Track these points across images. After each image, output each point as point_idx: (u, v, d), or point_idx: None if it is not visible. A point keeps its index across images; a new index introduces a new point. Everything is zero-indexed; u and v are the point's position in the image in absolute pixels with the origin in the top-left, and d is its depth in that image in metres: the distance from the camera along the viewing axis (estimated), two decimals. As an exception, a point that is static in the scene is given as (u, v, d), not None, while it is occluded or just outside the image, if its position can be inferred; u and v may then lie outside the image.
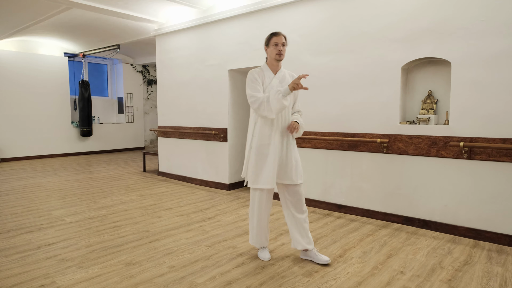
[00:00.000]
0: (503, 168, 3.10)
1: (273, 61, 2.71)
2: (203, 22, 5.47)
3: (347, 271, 2.62)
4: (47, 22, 6.64)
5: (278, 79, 2.72)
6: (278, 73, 2.74)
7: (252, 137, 2.72)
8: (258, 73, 2.70)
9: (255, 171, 2.68)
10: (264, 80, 2.69)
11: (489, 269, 2.65)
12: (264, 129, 2.67)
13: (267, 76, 2.71)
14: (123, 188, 5.48)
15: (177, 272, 2.61)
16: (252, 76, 2.69)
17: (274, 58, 2.67)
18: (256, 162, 2.67)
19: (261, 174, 2.67)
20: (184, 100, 6.03)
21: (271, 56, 2.70)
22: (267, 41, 2.70)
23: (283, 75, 2.76)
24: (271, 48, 2.67)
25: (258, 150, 2.67)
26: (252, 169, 2.69)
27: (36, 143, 8.73)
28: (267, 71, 2.73)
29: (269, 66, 2.75)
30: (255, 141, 2.70)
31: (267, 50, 2.73)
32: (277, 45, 2.64)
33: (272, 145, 2.65)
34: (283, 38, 2.66)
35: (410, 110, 3.83)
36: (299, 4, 4.35)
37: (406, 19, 3.56)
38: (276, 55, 2.65)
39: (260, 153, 2.67)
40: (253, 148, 2.70)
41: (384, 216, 3.82)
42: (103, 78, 10.60)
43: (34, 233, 3.46)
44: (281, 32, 2.69)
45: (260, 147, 2.67)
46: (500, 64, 3.07)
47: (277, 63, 2.73)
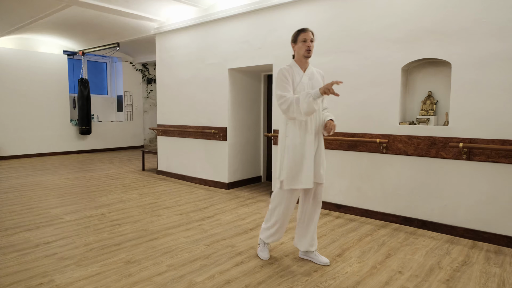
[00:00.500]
0: (502, 170, 3.11)
1: (301, 58, 2.63)
2: (203, 20, 5.46)
3: (346, 271, 2.62)
4: (46, 19, 6.63)
5: (307, 76, 2.65)
6: (307, 70, 2.67)
7: (285, 136, 2.64)
8: (288, 71, 2.61)
9: (291, 171, 2.58)
10: (295, 78, 2.61)
11: (487, 270, 2.65)
12: (297, 128, 2.59)
13: (297, 73, 2.63)
14: (122, 187, 5.48)
15: (176, 271, 2.61)
16: (282, 75, 2.60)
17: (303, 55, 2.59)
18: (293, 162, 2.58)
19: (300, 174, 2.57)
20: (183, 99, 6.02)
21: (299, 53, 2.61)
22: (294, 38, 2.63)
23: (312, 72, 2.69)
24: (300, 45, 2.59)
25: (293, 150, 2.58)
26: (289, 169, 2.58)
27: (35, 141, 8.71)
28: (296, 68, 2.64)
29: (298, 63, 2.66)
30: (289, 141, 2.61)
31: (294, 47, 2.65)
32: (306, 42, 2.56)
33: (308, 144, 2.58)
34: (311, 34, 2.58)
35: (409, 110, 3.84)
36: (299, 3, 4.35)
37: (406, 20, 3.56)
38: (305, 51, 2.57)
39: (296, 153, 2.58)
40: (288, 148, 2.61)
41: (383, 216, 3.83)
42: (102, 76, 10.59)
43: (33, 231, 3.45)
44: (309, 28, 2.62)
45: (295, 146, 2.58)
46: (500, 66, 3.08)
47: (306, 60, 2.65)
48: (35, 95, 8.65)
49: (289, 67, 2.64)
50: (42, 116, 8.80)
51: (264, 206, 4.43)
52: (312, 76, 2.68)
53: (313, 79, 2.67)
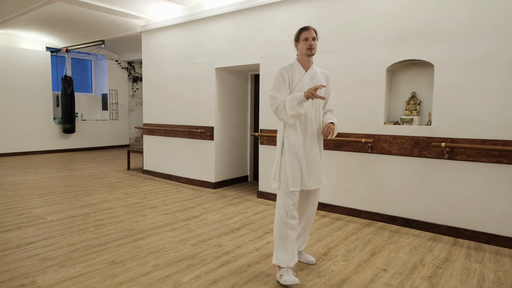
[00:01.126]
0: (482, 169, 3.19)
1: (304, 56, 2.55)
2: (191, 19, 5.43)
3: (332, 269, 2.65)
4: (29, 15, 6.47)
5: (309, 76, 2.56)
6: (309, 69, 2.57)
7: (283, 138, 2.54)
8: (287, 70, 2.53)
9: (292, 173, 2.47)
10: (294, 78, 2.53)
11: (468, 266, 2.72)
12: (296, 130, 2.51)
13: (298, 73, 2.55)
14: (107, 186, 5.40)
15: (162, 271, 2.59)
16: (279, 74, 2.52)
17: (305, 53, 2.52)
18: (293, 163, 2.47)
19: (300, 176, 2.49)
20: (170, 97, 5.97)
21: (301, 51, 2.54)
22: (296, 37, 2.56)
23: (315, 72, 2.60)
24: (301, 43, 2.52)
25: (294, 151, 2.49)
26: (289, 171, 2.47)
27: (16, 140, 8.49)
28: (297, 68, 2.56)
29: (300, 62, 2.58)
30: (287, 142, 2.52)
31: (297, 46, 2.57)
32: (307, 40, 2.49)
33: (308, 146, 2.52)
34: (313, 32, 2.51)
35: (394, 110, 3.90)
36: (287, 3, 4.37)
37: (392, 22, 3.62)
38: (307, 50, 2.50)
39: (296, 154, 2.49)
40: (288, 149, 2.50)
41: (368, 215, 3.88)
42: (87, 74, 10.40)
43: (14, 231, 3.37)
44: (312, 26, 2.55)
45: (295, 147, 2.49)
46: (481, 68, 3.16)
47: (309, 59, 2.56)
48: (16, 92, 8.43)
49: (290, 66, 2.57)
50: (24, 114, 8.59)
51: (251, 205, 4.43)
52: (315, 76, 2.58)
53: (315, 79, 2.57)
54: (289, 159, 2.49)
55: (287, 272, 2.41)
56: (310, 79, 2.56)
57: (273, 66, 4.55)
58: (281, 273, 2.42)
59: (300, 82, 2.53)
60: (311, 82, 2.55)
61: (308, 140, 2.54)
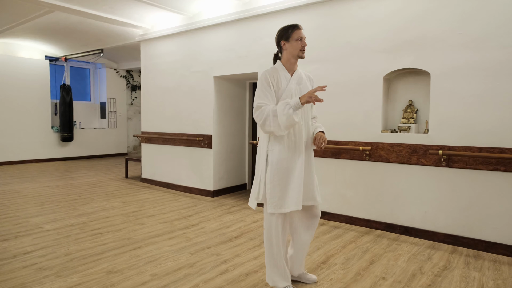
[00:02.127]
0: (479, 176, 3.21)
1: (292, 58, 2.31)
2: (189, 28, 5.47)
3: (330, 278, 2.64)
4: (28, 24, 6.51)
5: (295, 80, 2.33)
6: (295, 73, 2.35)
7: (268, 151, 2.28)
8: (272, 75, 2.26)
9: (278, 192, 2.23)
10: (280, 83, 2.28)
11: (467, 274, 2.72)
12: (283, 142, 2.26)
13: (283, 77, 2.30)
14: (104, 195, 5.37)
15: (160, 280, 2.57)
16: (264, 80, 2.25)
17: (297, 54, 2.29)
18: (280, 181, 2.23)
19: (287, 195, 2.23)
20: (168, 106, 5.99)
21: (292, 52, 2.28)
22: (286, 36, 2.28)
23: (300, 75, 2.37)
24: (294, 43, 2.26)
25: (280, 166, 2.23)
26: (274, 190, 2.23)
27: (14, 148, 8.47)
28: (282, 71, 2.31)
29: (285, 65, 2.33)
30: (274, 156, 2.25)
31: (285, 45, 2.30)
32: (301, 40, 2.27)
33: (296, 160, 2.26)
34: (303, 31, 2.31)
35: (391, 118, 3.93)
36: (284, 13, 4.42)
37: (388, 31, 3.67)
38: (300, 51, 2.28)
39: (283, 170, 2.23)
40: (273, 165, 2.25)
41: (366, 223, 3.88)
42: (85, 83, 10.43)
43: (10, 241, 3.35)
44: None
45: (282, 162, 2.24)
46: (476, 76, 3.19)
47: (296, 61, 2.33)
48: (15, 101, 8.44)
49: (274, 70, 2.31)
50: (22, 123, 8.58)
51: (249, 213, 4.42)
52: (300, 80, 2.36)
53: (301, 83, 2.35)
54: (274, 177, 2.24)
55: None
56: (297, 83, 2.34)
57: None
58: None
59: (287, 88, 2.27)
60: (297, 87, 2.33)
61: (297, 154, 2.28)
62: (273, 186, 2.24)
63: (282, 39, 2.31)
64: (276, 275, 2.34)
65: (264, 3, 4.54)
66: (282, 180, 2.25)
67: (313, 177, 2.38)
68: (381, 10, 3.70)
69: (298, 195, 2.24)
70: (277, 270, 2.33)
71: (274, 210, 2.24)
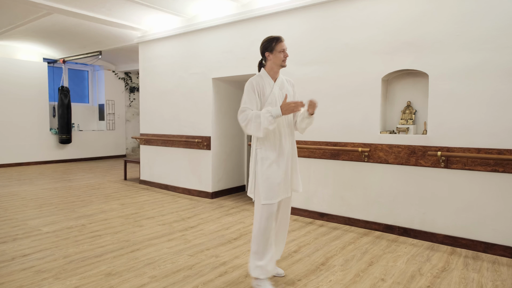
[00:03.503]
0: (478, 177, 3.22)
1: (276, 67, 2.56)
2: (187, 30, 5.48)
3: (330, 279, 2.64)
4: (26, 26, 6.50)
5: (278, 86, 2.58)
6: (277, 80, 2.59)
7: (257, 149, 2.51)
8: (257, 82, 2.51)
9: (268, 186, 2.44)
10: (265, 90, 2.52)
11: (466, 275, 2.72)
12: (270, 141, 2.49)
13: (267, 83, 2.54)
14: (103, 197, 5.36)
15: (159, 282, 2.56)
16: (250, 87, 2.50)
17: (280, 64, 2.55)
18: (268, 174, 2.45)
19: (277, 187, 2.45)
20: (167, 108, 5.99)
21: (276, 62, 2.54)
22: (270, 48, 2.53)
23: (282, 81, 2.63)
24: (278, 55, 2.52)
25: (268, 162, 2.46)
26: (265, 183, 2.44)
27: (12, 150, 8.44)
28: (266, 79, 2.56)
29: (269, 72, 2.58)
30: (261, 152, 2.49)
31: (269, 56, 2.55)
32: (284, 51, 2.54)
33: (283, 155, 2.49)
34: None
35: (390, 120, 3.93)
36: (283, 15, 4.43)
37: (385, 33, 3.68)
38: (282, 61, 2.54)
39: (271, 165, 2.46)
40: (262, 161, 2.47)
41: (365, 224, 3.88)
42: (83, 85, 10.41)
43: (8, 243, 3.33)
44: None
45: (269, 158, 2.47)
46: (474, 77, 3.20)
47: (279, 70, 2.59)
48: (13, 103, 8.42)
49: (259, 77, 2.55)
50: (20, 125, 8.56)
51: (248, 215, 4.42)
52: (282, 85, 2.61)
53: (283, 88, 2.60)
54: (265, 172, 2.45)
55: (265, 283, 2.43)
56: (279, 89, 2.59)
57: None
58: (258, 283, 2.45)
59: (271, 94, 2.53)
60: (280, 92, 2.58)
61: (282, 153, 2.50)
62: (263, 179, 2.46)
63: (267, 51, 2.56)
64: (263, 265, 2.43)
65: (262, 5, 4.55)
66: (271, 173, 2.46)
67: (296, 167, 2.64)
68: (379, 12, 3.71)
69: (286, 186, 2.53)
70: (266, 261, 2.43)
71: (266, 201, 2.44)
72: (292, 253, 3.15)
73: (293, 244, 3.37)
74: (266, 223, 2.44)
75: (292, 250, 3.22)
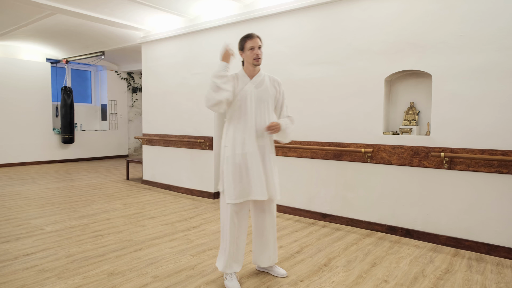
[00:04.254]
0: (482, 178, 3.20)
1: (250, 66, 2.51)
2: (189, 30, 5.48)
3: (332, 280, 2.63)
4: (30, 27, 6.53)
5: (254, 84, 2.49)
6: (254, 77, 2.51)
7: (225, 147, 2.48)
8: (233, 77, 2.52)
9: (232, 185, 2.40)
10: (238, 85, 2.48)
11: (469, 277, 2.71)
12: (237, 137, 2.45)
13: (242, 81, 2.50)
14: (105, 197, 5.37)
15: (161, 282, 2.56)
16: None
17: (252, 63, 2.47)
18: (233, 175, 2.41)
19: (241, 188, 2.41)
20: (169, 108, 5.99)
21: (247, 61, 2.49)
22: (241, 45, 2.50)
23: (262, 79, 2.52)
24: (247, 53, 2.47)
25: (233, 161, 2.42)
26: (229, 182, 2.42)
27: (15, 150, 8.48)
28: (242, 77, 2.52)
29: (246, 71, 2.53)
30: (228, 151, 2.45)
31: (242, 55, 2.52)
32: (253, 49, 2.44)
33: (249, 155, 2.42)
34: (258, 40, 2.46)
35: (393, 120, 3.92)
36: (286, 15, 4.43)
37: (389, 33, 3.67)
38: (253, 60, 2.46)
39: (236, 165, 2.42)
40: (227, 160, 2.44)
41: (368, 225, 3.87)
42: (86, 85, 10.44)
43: (12, 243, 3.34)
44: (255, 34, 2.50)
45: (234, 157, 2.42)
46: (478, 78, 3.19)
47: (254, 68, 2.51)
48: (16, 103, 8.45)
49: (235, 75, 2.52)
50: (23, 124, 8.59)
51: (250, 215, 4.41)
52: (261, 84, 2.51)
53: (260, 87, 2.50)
54: (227, 170, 2.44)
55: (230, 277, 2.50)
56: (255, 87, 2.49)
57: (272, 76, 4.58)
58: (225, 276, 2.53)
59: (243, 90, 2.47)
60: (255, 90, 2.49)
61: (251, 148, 2.43)
62: (228, 179, 2.43)
63: (240, 49, 2.53)
64: (225, 260, 2.50)
65: (265, 5, 4.55)
66: (235, 174, 2.42)
67: (269, 174, 2.49)
68: (382, 12, 3.70)
69: (262, 186, 2.41)
70: (227, 257, 2.49)
71: (229, 201, 2.42)
72: (295, 253, 3.15)
73: (296, 245, 3.36)
74: (229, 222, 2.46)
75: (294, 251, 3.21)
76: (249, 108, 2.47)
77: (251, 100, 2.47)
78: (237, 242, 2.51)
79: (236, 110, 2.49)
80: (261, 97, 2.50)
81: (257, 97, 2.50)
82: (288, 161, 4.47)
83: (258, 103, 2.49)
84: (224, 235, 2.52)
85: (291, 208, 4.46)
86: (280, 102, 2.64)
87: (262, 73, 2.55)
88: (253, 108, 2.47)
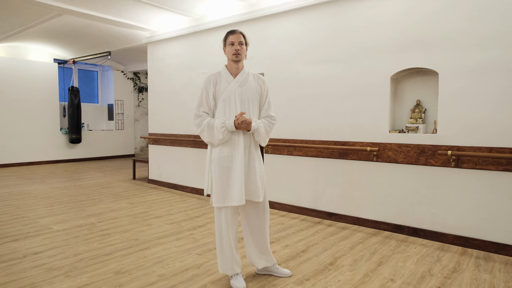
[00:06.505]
0: (489, 177, 3.16)
1: (231, 62, 2.47)
2: (195, 30, 5.50)
3: (338, 279, 2.62)
4: (37, 28, 6.60)
5: (238, 83, 2.46)
6: (238, 76, 2.48)
7: (212, 149, 2.47)
8: (212, 81, 2.47)
9: (220, 187, 2.39)
10: (221, 86, 2.45)
11: (477, 276, 2.68)
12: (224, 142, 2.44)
13: (225, 79, 2.47)
14: (112, 196, 5.41)
15: (168, 281, 2.58)
16: (203, 86, 2.48)
17: (231, 59, 2.45)
18: (220, 177, 2.39)
19: (229, 190, 2.38)
20: (175, 107, 6.02)
21: (228, 57, 2.48)
22: (224, 41, 2.48)
23: (245, 78, 2.50)
24: (228, 48, 2.45)
25: (219, 164, 2.41)
26: (217, 185, 2.40)
27: (23, 150, 8.58)
28: (225, 75, 2.48)
29: (228, 69, 2.50)
30: (215, 154, 2.44)
31: (224, 51, 2.51)
32: (233, 45, 2.42)
33: (235, 157, 2.40)
34: (241, 36, 2.44)
35: (399, 119, 3.89)
36: (291, 13, 4.42)
37: (395, 31, 3.64)
38: (233, 55, 2.43)
39: (222, 167, 2.40)
40: (215, 162, 2.43)
41: (374, 224, 3.85)
42: (93, 85, 10.53)
43: (20, 241, 3.38)
44: (239, 30, 2.49)
45: (221, 159, 2.41)
46: (485, 75, 3.15)
47: (237, 65, 2.47)
48: (24, 103, 8.55)
49: (218, 73, 2.50)
50: (31, 125, 8.69)
51: (256, 214, 4.41)
52: (245, 82, 2.48)
53: (244, 85, 2.47)
54: (215, 173, 2.42)
55: (236, 277, 2.49)
56: (239, 86, 2.46)
57: (277, 75, 4.58)
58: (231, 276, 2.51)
59: (226, 90, 2.44)
60: (239, 89, 2.45)
61: (236, 153, 2.41)
62: (215, 181, 2.41)
63: (223, 46, 2.51)
64: (226, 265, 2.49)
65: (270, 4, 4.55)
66: (223, 176, 2.40)
67: (256, 175, 2.46)
68: (388, 10, 3.68)
69: (240, 191, 2.37)
70: (226, 260, 2.48)
71: (216, 204, 2.41)
72: (300, 252, 3.14)
73: (302, 244, 3.36)
74: (219, 225, 2.47)
75: (300, 250, 3.21)
76: (233, 108, 2.44)
77: (235, 100, 2.45)
78: (230, 244, 2.47)
79: (221, 110, 2.46)
80: (245, 96, 2.47)
81: (241, 96, 2.47)
82: (294, 160, 4.46)
83: (243, 102, 2.47)
84: (218, 238, 2.50)
85: (297, 207, 4.45)
86: (263, 100, 2.59)
87: (246, 71, 2.52)
88: (237, 107, 2.44)
